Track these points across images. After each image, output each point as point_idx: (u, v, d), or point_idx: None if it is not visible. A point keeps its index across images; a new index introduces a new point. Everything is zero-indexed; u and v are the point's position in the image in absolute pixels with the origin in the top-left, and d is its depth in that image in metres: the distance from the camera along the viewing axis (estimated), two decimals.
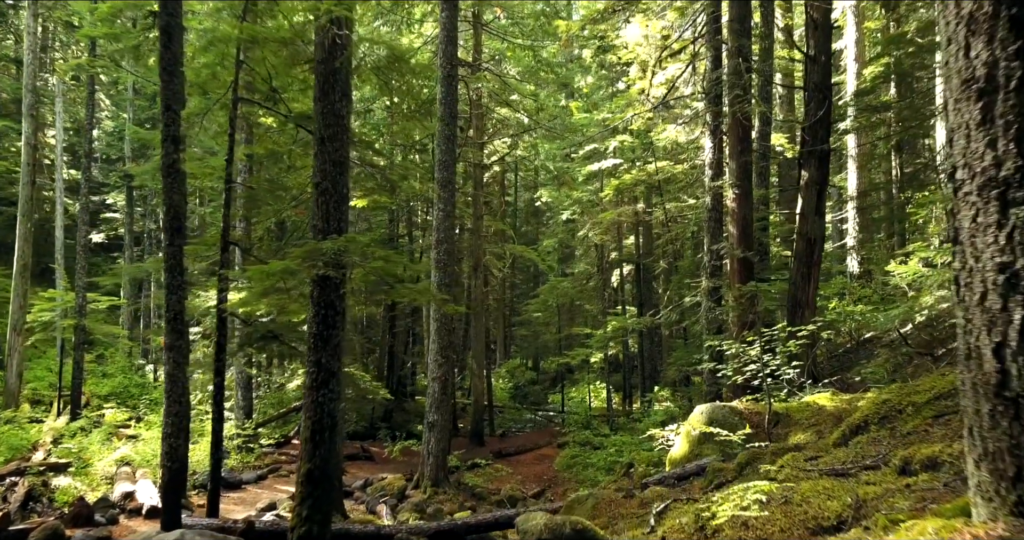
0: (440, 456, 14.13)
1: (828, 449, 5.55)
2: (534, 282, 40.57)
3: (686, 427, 8.84)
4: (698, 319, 13.18)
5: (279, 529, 7.90)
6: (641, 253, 25.28)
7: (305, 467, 6.56)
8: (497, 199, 35.85)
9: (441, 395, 14.20)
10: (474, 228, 21.75)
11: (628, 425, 18.81)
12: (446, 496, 13.91)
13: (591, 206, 25.63)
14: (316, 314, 6.74)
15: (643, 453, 15.30)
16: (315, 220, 6.83)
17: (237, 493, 13.26)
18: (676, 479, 7.66)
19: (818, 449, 5.71)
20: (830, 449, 5.46)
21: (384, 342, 27.95)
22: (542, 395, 33.28)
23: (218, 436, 8.96)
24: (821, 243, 12.24)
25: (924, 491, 3.08)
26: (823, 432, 7.21)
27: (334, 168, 6.91)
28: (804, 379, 9.29)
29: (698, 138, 18.87)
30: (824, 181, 12.31)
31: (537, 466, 18.73)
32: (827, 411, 7.89)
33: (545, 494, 15.71)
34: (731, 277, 12.68)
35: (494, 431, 23.87)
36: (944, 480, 3.14)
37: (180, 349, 8.13)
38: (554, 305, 30.10)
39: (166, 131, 8.24)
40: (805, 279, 12.11)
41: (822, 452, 5.21)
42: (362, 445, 19.05)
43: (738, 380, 9.05)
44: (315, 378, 6.71)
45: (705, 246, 13.20)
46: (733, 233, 12.66)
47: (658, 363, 29.33)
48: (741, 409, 8.45)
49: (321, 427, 6.65)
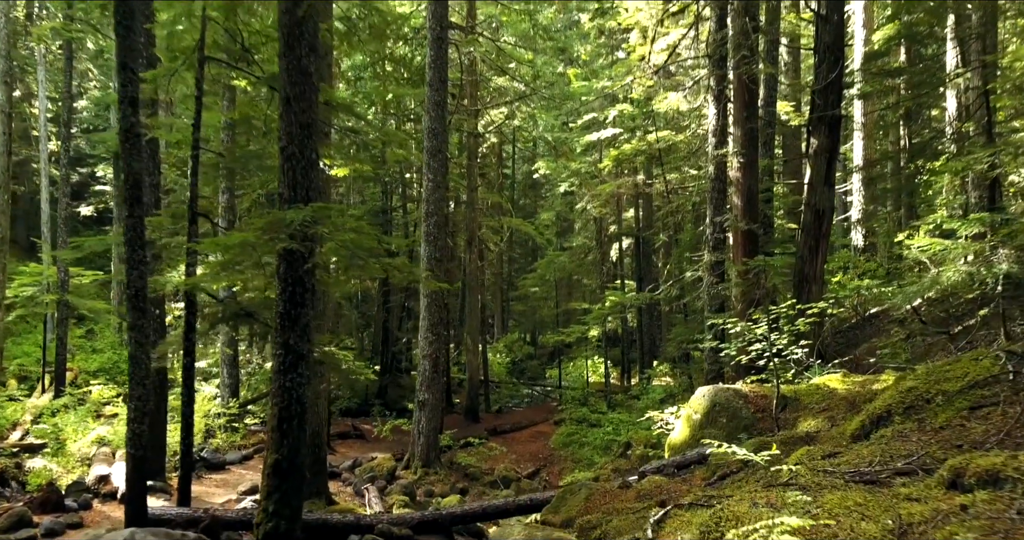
0: (431, 436, 13.66)
1: (846, 443, 4.99)
2: (532, 256, 39.91)
3: (687, 411, 8.30)
4: (699, 295, 12.62)
5: (249, 518, 7.38)
6: (641, 226, 24.63)
7: (272, 458, 6.02)
8: (494, 171, 35.10)
9: (432, 373, 13.68)
10: (468, 200, 21.09)
11: (626, 402, 18.34)
12: (437, 477, 13.47)
13: (590, 178, 24.91)
14: (283, 291, 6.14)
15: (641, 432, 14.86)
16: (281, 188, 6.19)
17: (220, 474, 12.79)
18: (676, 467, 7.13)
19: (835, 443, 5.14)
20: (849, 443, 4.89)
21: (378, 317, 27.44)
22: (540, 370, 32.88)
23: (188, 421, 8.42)
24: (830, 215, 11.61)
25: (990, 518, 2.51)
26: (836, 419, 6.65)
27: (301, 131, 6.26)
28: (813, 359, 8.73)
29: (700, 107, 18.12)
30: (835, 149, 11.63)
31: (533, 444, 18.30)
32: (839, 395, 7.34)
33: (540, 474, 15.28)
34: (734, 251, 12.07)
35: (490, 407, 23.44)
36: (1017, 505, 2.56)
37: (142, 329, 7.54)
38: (552, 280, 29.52)
39: (123, 93, 7.56)
40: (813, 253, 11.50)
41: (841, 448, 4.64)
42: (353, 423, 18.61)
43: (742, 360, 8.49)
44: (283, 361, 6.14)
45: (707, 218, 12.57)
46: (737, 204, 12.03)
47: (657, 338, 28.84)
48: (746, 392, 7.90)
49: (289, 414, 6.10)
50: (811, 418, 6.95)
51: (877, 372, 9.65)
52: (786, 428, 7.05)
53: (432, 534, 7.62)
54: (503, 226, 27.41)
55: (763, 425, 7.44)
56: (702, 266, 12.63)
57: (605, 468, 14.14)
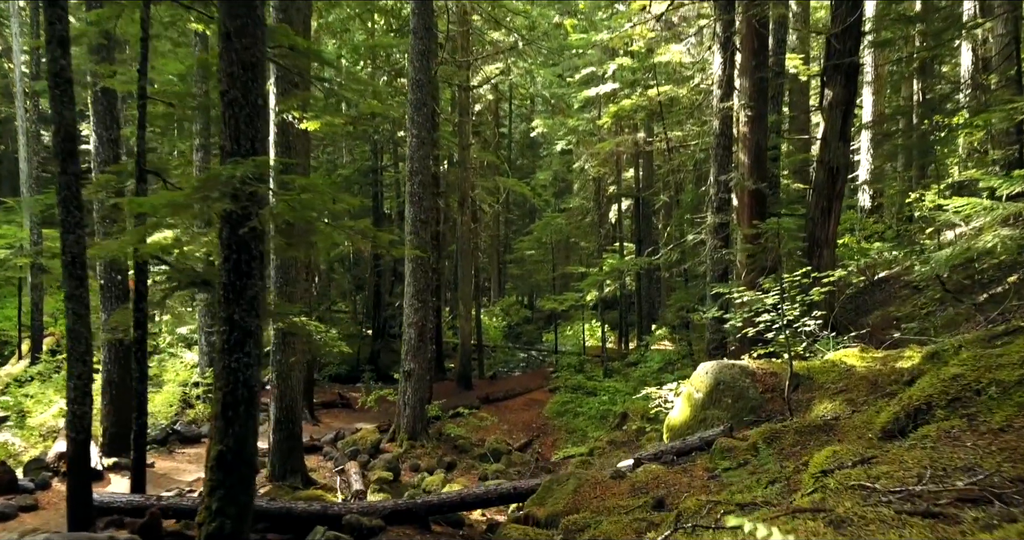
0: (417, 407, 12.99)
1: (877, 440, 4.22)
2: (530, 217, 38.96)
3: (687, 388, 7.56)
4: (702, 259, 11.82)
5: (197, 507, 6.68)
6: (641, 186, 23.68)
7: (215, 449, 5.28)
8: (490, 130, 33.96)
9: (418, 342, 12.95)
10: (460, 159, 20.12)
11: (623, 370, 17.68)
12: (424, 450, 12.85)
13: (587, 135, 23.88)
14: (226, 259, 5.32)
15: (638, 403, 14.19)
16: (223, 140, 5.33)
17: (195, 448, 12.15)
18: (676, 454, 6.41)
19: (864, 439, 4.38)
20: (881, 442, 4.13)
21: (370, 281, 26.70)
22: (536, 334, 32.24)
23: (142, 399, 7.69)
24: (845, 173, 10.74)
25: None
26: (856, 402, 5.90)
27: (244, 72, 5.36)
28: (828, 332, 7.95)
29: (703, 60, 17.06)
30: (851, 101, 10.70)
31: (526, 413, 17.69)
32: (857, 373, 6.58)
33: (532, 445, 14.67)
34: (740, 212, 11.23)
35: (484, 373, 22.83)
36: None
37: (81, 299, 6.76)
38: (548, 242, 28.69)
39: (51, 31, 6.64)
40: (825, 214, 10.66)
41: (874, 449, 3.87)
42: (340, 392, 17.98)
43: (749, 332, 7.73)
44: (227, 339, 5.35)
45: (711, 177, 11.69)
46: (744, 162, 11.13)
47: (656, 301, 28.13)
48: (753, 369, 7.14)
49: (235, 400, 5.34)
50: (827, 400, 6.21)
51: (895, 346, 8.90)
52: (799, 411, 6.31)
53: (407, 524, 6.95)
54: (499, 187, 26.48)
55: (772, 407, 6.70)
56: (705, 229, 11.79)
57: (600, 441, 13.52)
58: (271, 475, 10.02)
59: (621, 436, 13.53)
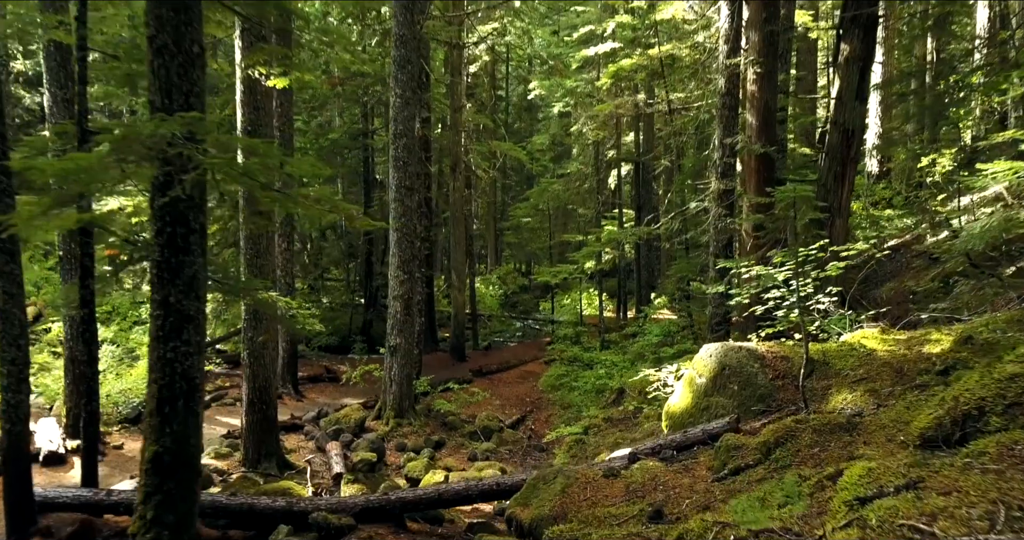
0: (404, 383, 12.39)
1: (918, 453, 3.54)
2: (528, 183, 37.98)
3: (689, 372, 6.89)
4: (705, 228, 11.08)
5: None
6: (641, 151, 22.80)
7: (151, 450, 4.63)
8: (486, 92, 32.95)
9: (404, 316, 12.29)
10: (452, 122, 19.22)
11: (620, 342, 17.06)
12: (411, 428, 12.28)
13: (586, 98, 22.91)
14: (159, 232, 4.59)
15: (636, 377, 13.62)
16: (151, 93, 4.56)
17: None
18: (675, 449, 5.76)
19: (903, 452, 3.70)
20: (923, 455, 3.44)
21: (362, 248, 25.96)
22: (533, 303, 31.59)
23: (91, 383, 7.03)
24: (860, 135, 9.96)
25: None
26: (881, 393, 5.23)
27: (175, 15, 4.57)
28: (845, 311, 7.26)
29: (706, 18, 16.07)
30: (869, 56, 9.87)
31: (520, 386, 17.12)
32: (879, 358, 5.91)
33: (526, 421, 14.11)
34: (747, 178, 10.46)
35: (478, 344, 22.24)
36: None
37: (12, 276, 6.05)
38: (546, 209, 27.89)
39: None
40: (838, 180, 9.92)
41: (914, 463, 3.20)
42: (327, 365, 17.38)
43: (757, 310, 7.04)
44: (162, 325, 4.66)
45: (716, 140, 10.88)
46: (752, 123, 10.33)
47: (655, 268, 27.46)
48: (762, 352, 6.46)
49: (172, 394, 4.67)
50: (846, 390, 5.53)
51: (913, 325, 8.22)
52: (814, 400, 5.64)
53: (379, 522, 6.35)
54: (495, 152, 25.62)
55: (784, 395, 6.04)
56: (708, 196, 11.03)
57: (596, 418, 12.95)
58: (244, 460, 9.44)
59: (618, 413, 12.95)
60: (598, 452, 10.60)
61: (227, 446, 9.95)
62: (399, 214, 12.08)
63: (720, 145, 10.79)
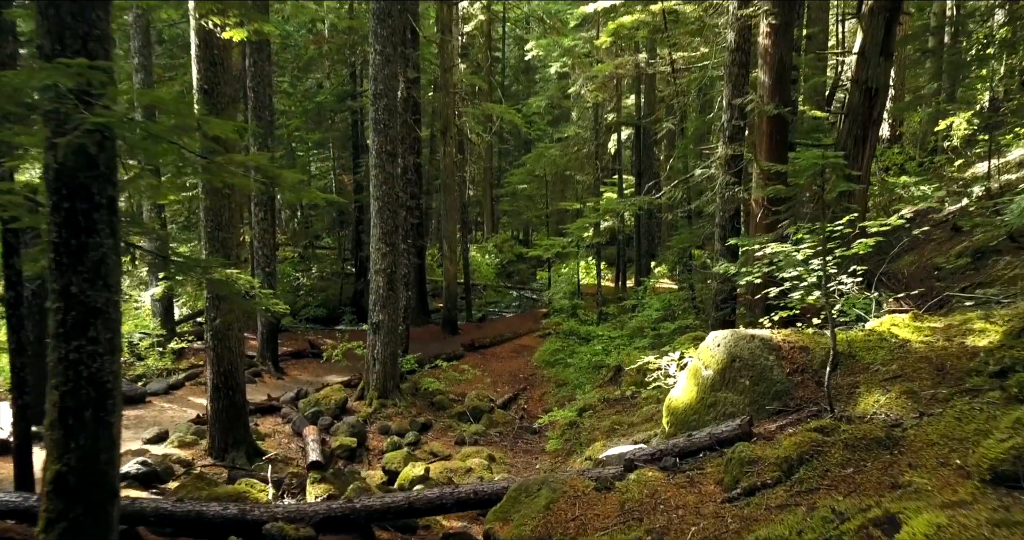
0: (388, 362, 11.66)
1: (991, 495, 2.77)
2: (526, 148, 36.88)
3: (694, 362, 6.12)
4: (712, 197, 10.22)
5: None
6: (642, 114, 21.78)
7: (52, 469, 3.88)
8: (482, 53, 31.76)
9: (387, 291, 11.50)
10: (442, 83, 18.18)
11: (618, 315, 16.31)
12: (395, 409, 11.59)
13: (584, 58, 21.78)
14: (56, 209, 3.76)
15: (633, 353, 12.88)
16: (39, 37, 3.70)
17: (137, 410, 10.86)
18: (678, 455, 5.01)
19: (970, 492, 2.92)
20: (1000, 500, 2.67)
21: (352, 215, 25.04)
22: (530, 272, 30.79)
23: (23, 376, 6.26)
24: (885, 94, 9.04)
25: None
26: (921, 397, 4.46)
27: None
28: (872, 293, 6.45)
29: None
30: (896, 8, 8.91)
31: (514, 361, 16.43)
32: (914, 351, 5.13)
33: (518, 401, 13.43)
34: (758, 142, 9.56)
35: (472, 316, 21.51)
36: None
37: None
38: (543, 175, 26.87)
39: None
40: (859, 144, 9.05)
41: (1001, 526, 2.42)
42: (312, 339, 16.63)
43: (771, 292, 6.24)
44: (63, 319, 3.87)
45: (724, 101, 9.96)
46: (764, 81, 9.39)
47: (656, 236, 26.63)
48: (777, 342, 5.67)
49: (78, 403, 3.90)
50: (877, 390, 4.76)
51: (941, 305, 7.44)
52: (840, 401, 4.87)
53: (343, 532, 5.64)
54: (492, 116, 24.59)
55: (803, 393, 5.27)
56: (714, 162, 10.14)
57: (592, 397, 12.26)
58: (210, 449, 8.74)
59: (615, 392, 12.25)
60: (593, 437, 9.91)
61: (193, 433, 9.23)
62: (380, 182, 11.21)
63: (728, 106, 9.88)
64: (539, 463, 9.92)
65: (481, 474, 8.33)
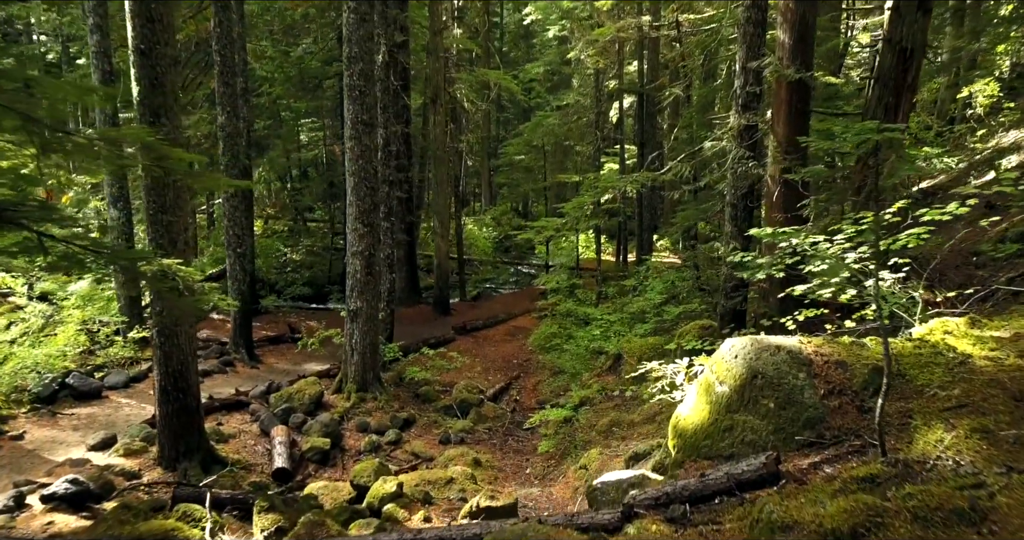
0: (367, 352, 10.73)
1: None
2: (525, 117, 35.57)
3: (706, 374, 5.14)
4: (722, 173, 9.16)
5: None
6: (646, 81, 20.55)
7: None
8: (479, 17, 30.36)
9: (365, 276, 10.52)
10: (431, 46, 16.96)
11: (619, 298, 15.34)
12: (376, 403, 10.69)
13: (584, 21, 20.51)
14: None
15: (634, 340, 11.96)
16: None
17: (91, 407, 9.93)
18: (688, 501, 4.06)
19: None
20: None
21: (342, 188, 23.91)
22: (528, 246, 29.76)
23: None
24: (921, 55, 7.92)
25: None
26: (999, 438, 3.48)
27: None
28: (918, 290, 5.44)
29: None
30: None
31: (508, 345, 15.53)
32: (979, 369, 4.15)
33: (510, 391, 12.54)
34: (776, 111, 8.48)
35: (466, 295, 20.57)
36: None
37: None
38: (541, 145, 25.71)
39: None
40: (890, 112, 7.95)
41: None
42: (292, 322, 15.67)
43: (795, 291, 5.25)
44: None
45: (737, 64, 8.85)
46: (784, 42, 8.28)
47: (658, 208, 25.54)
48: (808, 354, 4.69)
49: None
50: (938, 424, 3.79)
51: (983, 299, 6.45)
52: (889, 435, 3.90)
53: None
54: (490, 83, 23.34)
55: (841, 422, 4.30)
56: (726, 133, 9.07)
57: (590, 388, 11.36)
58: (159, 458, 7.84)
59: (615, 382, 11.36)
60: (589, 438, 9.00)
61: (143, 438, 8.31)
62: (356, 155, 10.15)
63: (742, 70, 8.78)
64: (530, 467, 9.04)
65: (463, 485, 7.43)
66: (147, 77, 7.14)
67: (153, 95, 7.18)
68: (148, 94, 7.18)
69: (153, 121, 7.20)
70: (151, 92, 7.17)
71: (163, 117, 7.24)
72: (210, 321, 15.26)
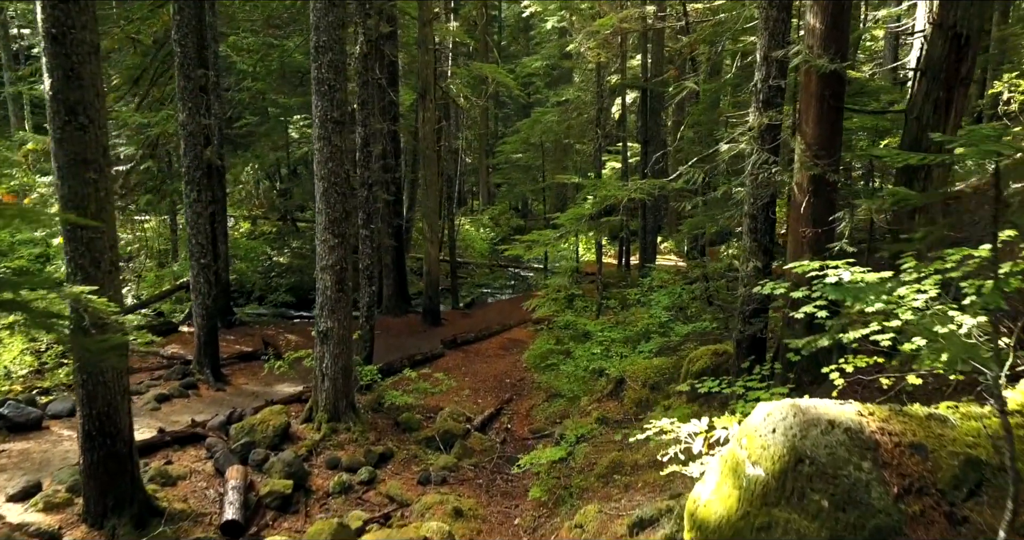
0: (339, 377, 9.61)
1: None
2: (525, 113, 34.37)
3: (732, 449, 4.00)
4: (741, 180, 8.02)
5: None
6: (649, 75, 19.38)
7: None
8: (476, 9, 29.27)
9: (336, 292, 9.39)
10: (420, 39, 15.80)
11: (621, 311, 14.19)
12: (349, 435, 9.57)
13: (584, 11, 19.34)
14: None
15: (638, 361, 10.86)
16: None
17: (24, 442, 8.77)
18: None
19: None
20: None
21: None
22: None
23: None
24: (977, 43, 6.78)
25: None
26: None
27: None
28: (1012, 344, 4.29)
29: None
30: None
31: (501, 361, 14.40)
32: None
33: (500, 417, 11.43)
34: (804, 108, 7.31)
35: (458, 303, 19.43)
36: None
37: None
38: (539, 143, 24.54)
39: None
40: (941, 110, 6.83)
41: None
42: (268, 334, 14.53)
43: (850, 337, 4.13)
44: None
45: (758, 54, 7.69)
46: (815, 27, 7.10)
47: (662, 209, 24.39)
48: (870, 433, 3.54)
49: None
50: None
51: None
52: None
53: None
54: (488, 78, 22.22)
55: (925, 536, 3.15)
56: (745, 135, 7.91)
57: (588, 416, 10.26)
58: (84, 514, 6.72)
59: (616, 409, 10.26)
60: (586, 486, 7.84)
61: (68, 489, 7.18)
62: (325, 157, 9.02)
63: (764, 61, 7.63)
64: (519, 516, 7.92)
65: None
66: (61, 67, 6.02)
67: (68, 89, 6.06)
68: (62, 87, 6.05)
69: (69, 119, 6.07)
70: (65, 85, 6.04)
71: (81, 115, 6.11)
72: (179, 335, 14.14)
